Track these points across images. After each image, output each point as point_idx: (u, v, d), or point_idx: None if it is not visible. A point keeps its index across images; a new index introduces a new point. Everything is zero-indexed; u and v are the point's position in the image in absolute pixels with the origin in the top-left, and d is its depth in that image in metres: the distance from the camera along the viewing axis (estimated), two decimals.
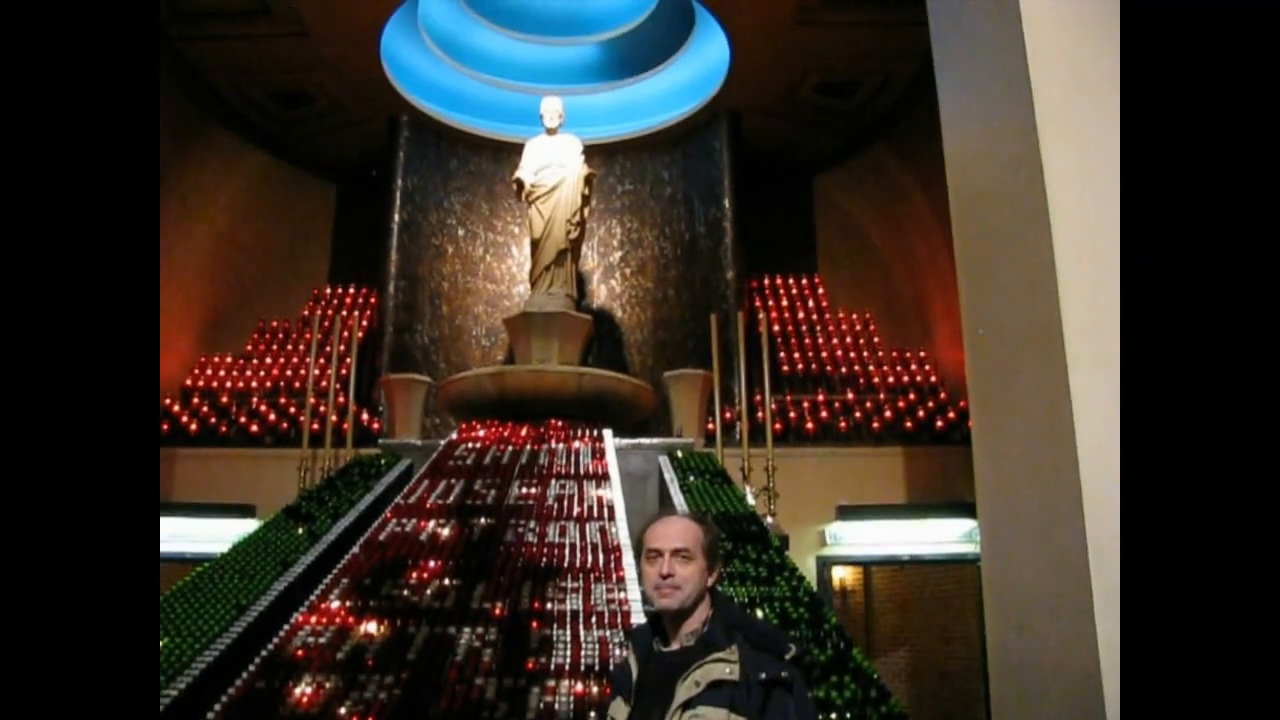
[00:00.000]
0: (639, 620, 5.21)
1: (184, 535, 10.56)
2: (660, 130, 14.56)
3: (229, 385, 13.28)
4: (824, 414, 12.41)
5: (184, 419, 12.32)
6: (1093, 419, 2.72)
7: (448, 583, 5.78)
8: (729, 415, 11.18)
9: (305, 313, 14.55)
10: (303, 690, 4.47)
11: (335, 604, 5.44)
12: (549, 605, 5.44)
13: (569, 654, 4.82)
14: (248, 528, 8.03)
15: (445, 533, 6.66)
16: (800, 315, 14.40)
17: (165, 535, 9.99)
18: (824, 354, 13.62)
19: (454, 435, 9.56)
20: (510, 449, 8.86)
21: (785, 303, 14.65)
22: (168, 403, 12.53)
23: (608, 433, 9.36)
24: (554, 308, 11.20)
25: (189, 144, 12.85)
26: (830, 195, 15.20)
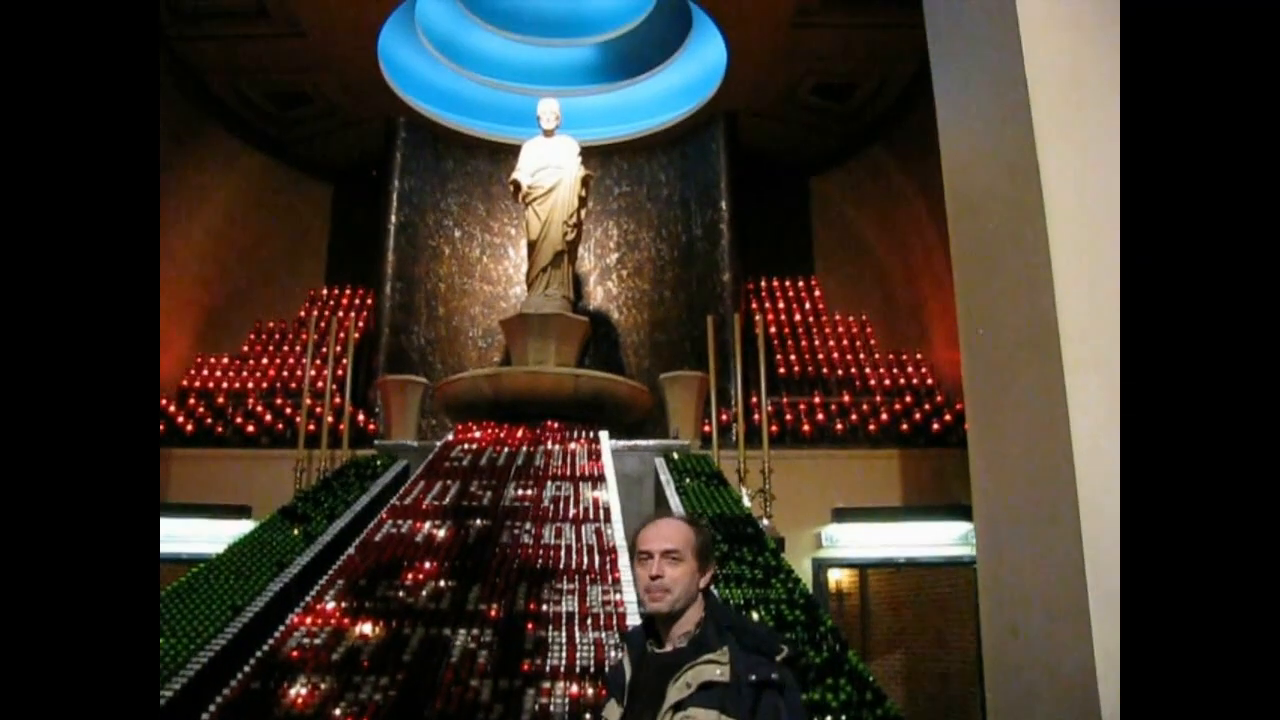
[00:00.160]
0: (634, 622, 5.20)
1: (180, 536, 10.54)
2: (657, 132, 14.57)
3: (225, 386, 13.27)
4: (820, 416, 12.41)
5: (180, 419, 12.30)
6: (1089, 421, 2.72)
7: (443, 584, 5.77)
8: (725, 417, 11.18)
9: (302, 314, 14.54)
10: (298, 691, 4.46)
11: (331, 605, 5.43)
12: (544, 607, 5.43)
13: (564, 656, 4.82)
14: (243, 528, 8.02)
15: (441, 534, 6.65)
16: (797, 317, 14.41)
17: (161, 536, 9.96)
18: (820, 356, 13.63)
19: (450, 436, 9.55)
20: (506, 450, 8.85)
21: (782, 305, 14.66)
22: (164, 403, 12.50)
23: (604, 434, 9.36)
24: (550, 309, 11.20)
25: (187, 144, 12.84)
26: (827, 197, 15.21)
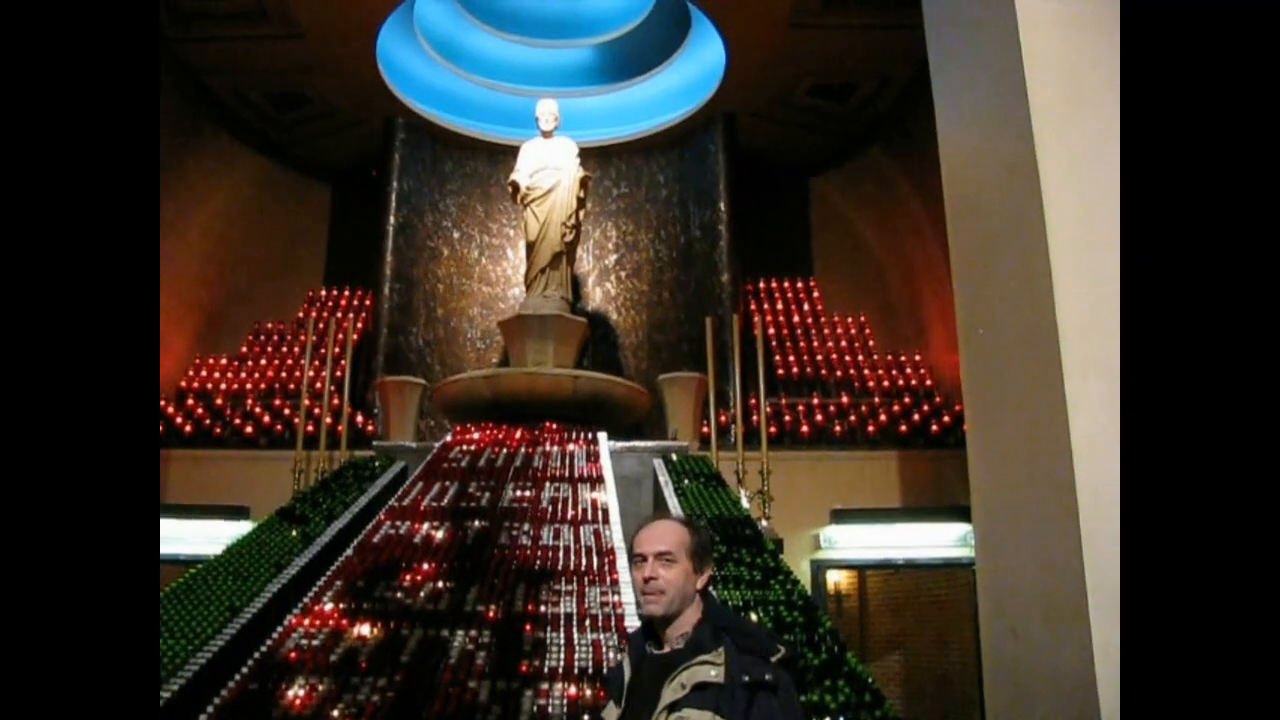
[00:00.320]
0: (632, 623, 5.21)
1: (178, 537, 10.52)
2: (656, 133, 14.57)
3: (224, 387, 13.25)
4: (819, 417, 12.41)
5: (179, 420, 12.28)
6: (1087, 423, 2.72)
7: (441, 585, 5.77)
8: (724, 418, 11.17)
9: (300, 315, 14.54)
10: (296, 692, 4.46)
11: (329, 606, 5.42)
12: (543, 608, 5.43)
13: (562, 657, 4.81)
14: (242, 529, 8.02)
15: (439, 535, 6.65)
16: (795, 318, 14.41)
17: (160, 537, 9.96)
18: (819, 357, 13.63)
19: (448, 438, 9.54)
20: (505, 451, 8.84)
21: (780, 306, 14.66)
22: (162, 404, 12.48)
23: (602, 435, 9.35)
24: (549, 310, 11.20)
25: (185, 145, 12.84)
26: (826, 198, 15.21)
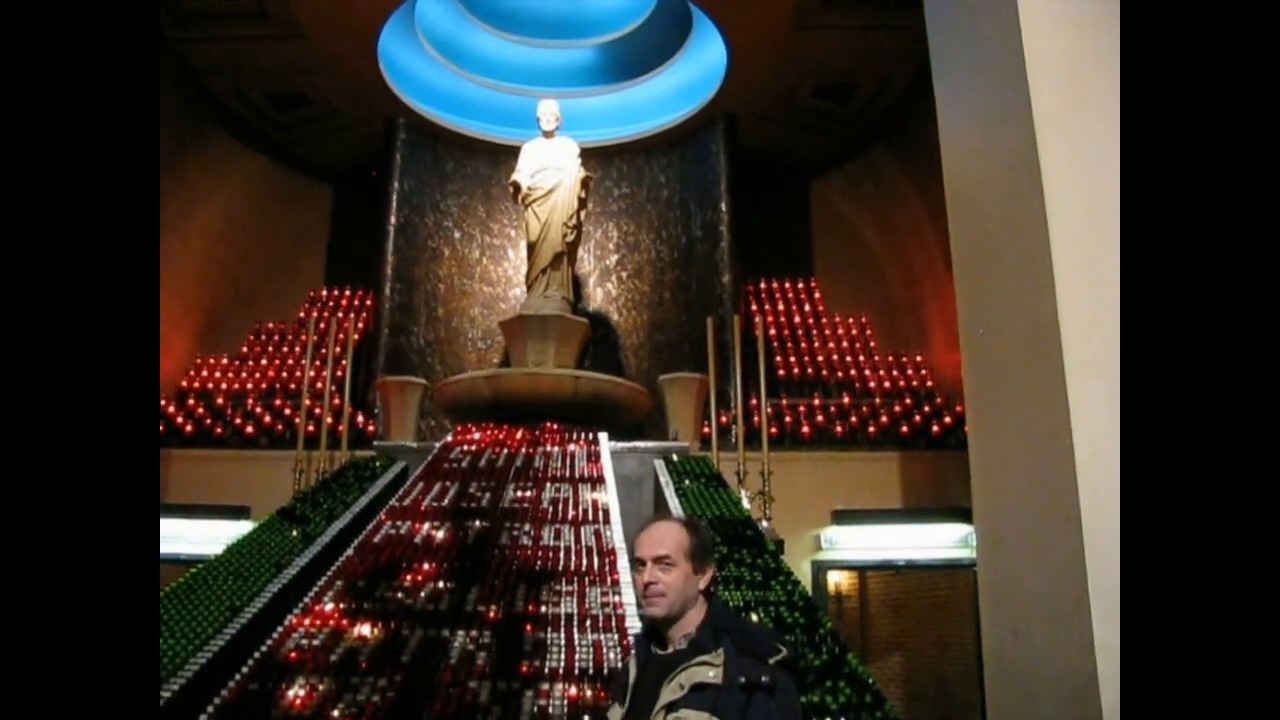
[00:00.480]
0: (633, 624, 5.21)
1: (179, 536, 10.52)
2: (657, 133, 14.57)
3: (224, 387, 13.26)
4: (820, 418, 12.40)
5: (179, 420, 12.29)
6: (1090, 423, 2.72)
7: (442, 585, 5.76)
8: (725, 419, 11.17)
9: (301, 315, 14.54)
10: (296, 692, 4.45)
11: (329, 606, 5.42)
12: (543, 608, 5.42)
13: (563, 657, 4.81)
14: (242, 529, 8.01)
15: (440, 535, 6.64)
16: (796, 319, 14.41)
17: (160, 536, 9.96)
18: (820, 358, 13.63)
19: (449, 438, 9.54)
20: (505, 452, 8.84)
21: (781, 306, 14.65)
22: (163, 404, 12.49)
23: (603, 436, 9.35)
24: (550, 311, 11.19)
25: (186, 146, 12.84)
26: (827, 199, 15.21)
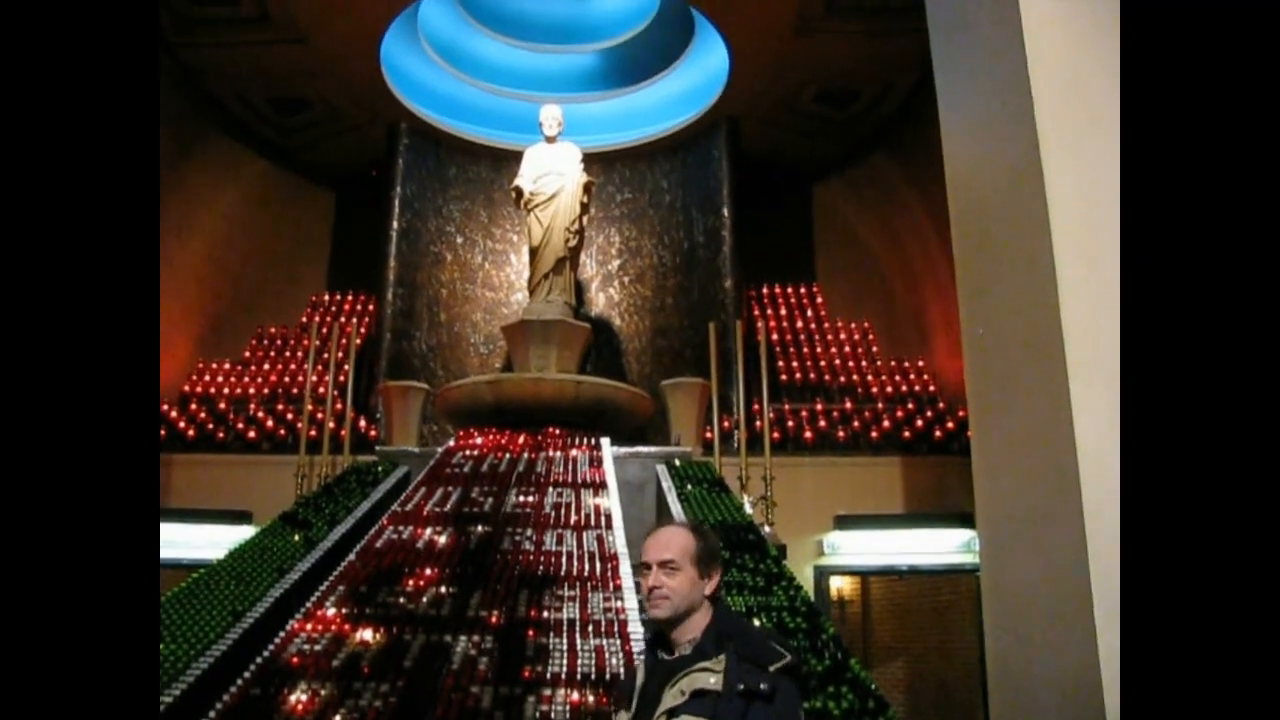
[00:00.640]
0: (635, 629, 5.21)
1: (180, 541, 10.52)
2: (659, 139, 14.59)
3: (227, 391, 13.27)
4: (822, 423, 12.39)
5: (181, 425, 12.29)
6: (1093, 428, 2.71)
7: (444, 590, 5.76)
8: (727, 424, 11.16)
9: (304, 319, 14.55)
10: (298, 698, 4.45)
11: (331, 611, 5.42)
12: (545, 614, 5.41)
13: (565, 663, 4.80)
14: (244, 534, 8.02)
15: (442, 540, 6.64)
16: (799, 324, 14.40)
17: (162, 541, 9.93)
18: (822, 363, 13.62)
19: (451, 443, 9.54)
20: (508, 457, 8.84)
21: (784, 312, 14.65)
22: (165, 408, 12.49)
23: (605, 441, 9.34)
24: (552, 315, 11.19)
25: (188, 150, 12.87)
26: (829, 204, 15.22)
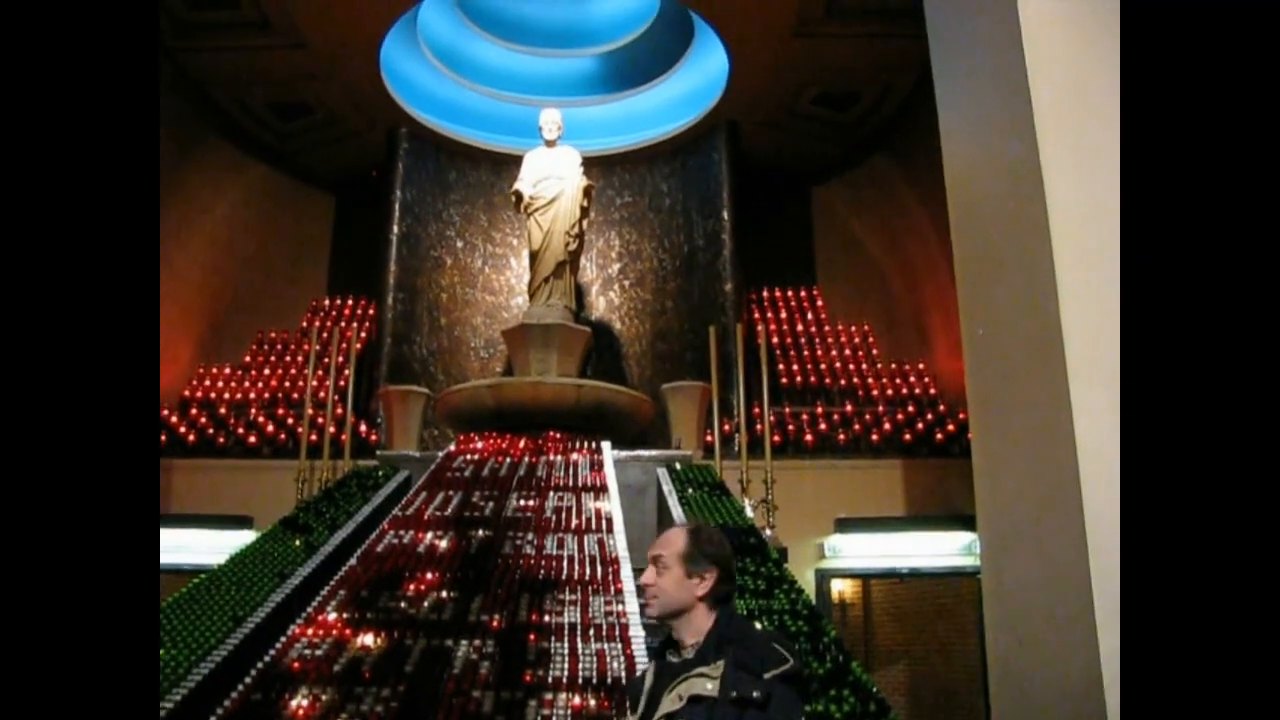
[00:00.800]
0: (636, 633, 5.21)
1: (181, 546, 10.52)
2: (659, 142, 14.60)
3: (227, 396, 13.26)
4: (823, 426, 12.39)
5: (182, 430, 12.29)
6: (1094, 430, 2.71)
7: (445, 595, 5.75)
8: (728, 427, 11.16)
9: (304, 324, 14.54)
10: (299, 702, 4.44)
11: (332, 616, 5.41)
12: (547, 618, 5.41)
13: (566, 667, 4.79)
14: (245, 539, 8.01)
15: (443, 545, 6.63)
16: (799, 327, 14.39)
17: (162, 546, 9.92)
18: (823, 366, 13.61)
19: (452, 447, 9.54)
20: (508, 461, 8.84)
21: (784, 315, 14.65)
22: (165, 413, 12.49)
23: (606, 445, 9.34)
24: (552, 319, 11.20)
25: (188, 154, 12.88)
26: (829, 207, 15.22)
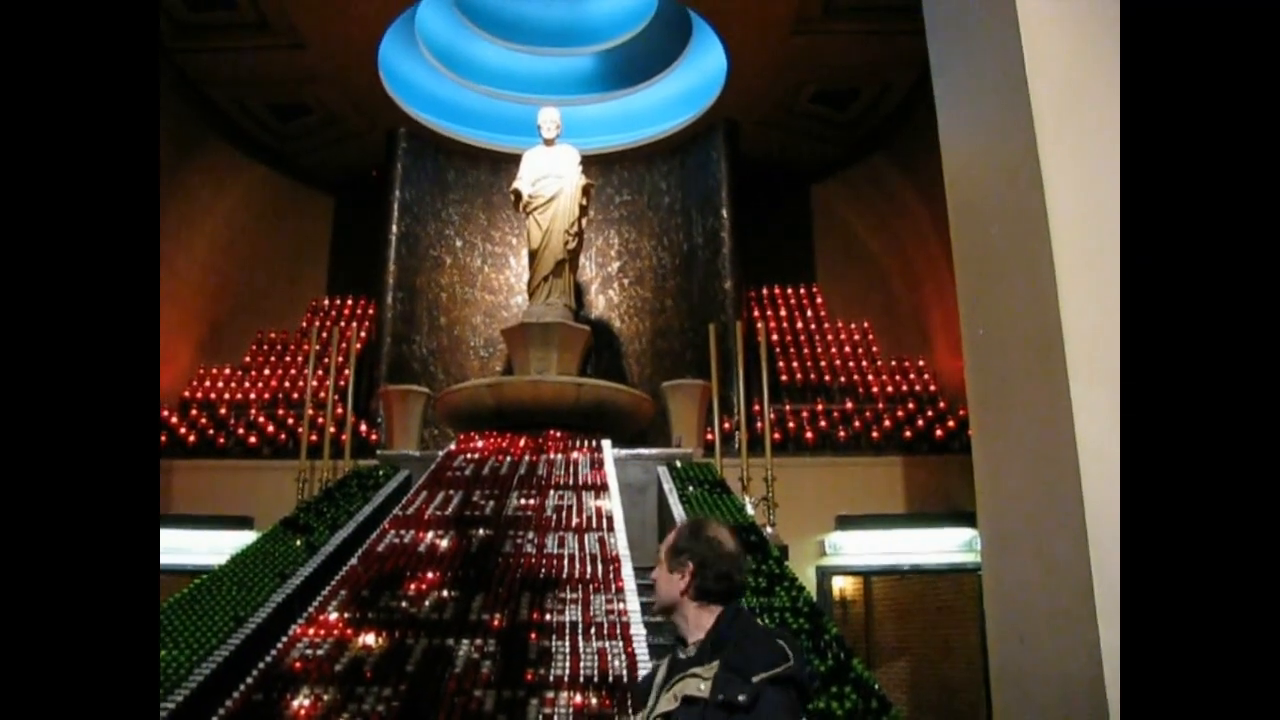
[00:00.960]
0: (637, 630, 5.22)
1: (182, 547, 10.53)
2: (658, 140, 14.59)
3: (227, 397, 13.26)
4: (823, 423, 12.40)
5: (182, 430, 12.30)
6: (1094, 427, 2.71)
7: (446, 594, 5.76)
8: (728, 425, 11.16)
9: (304, 324, 14.55)
10: (301, 702, 4.45)
11: (333, 616, 5.42)
12: (548, 616, 5.42)
13: (568, 665, 4.80)
14: (246, 539, 8.00)
15: (444, 544, 6.64)
16: (799, 325, 14.40)
17: (163, 547, 9.93)
18: (823, 363, 13.62)
19: (452, 446, 9.54)
20: (509, 460, 8.84)
21: (784, 312, 14.66)
22: (166, 414, 12.50)
23: (606, 443, 9.34)
24: (552, 318, 11.20)
25: (188, 156, 12.88)
26: (828, 205, 15.22)
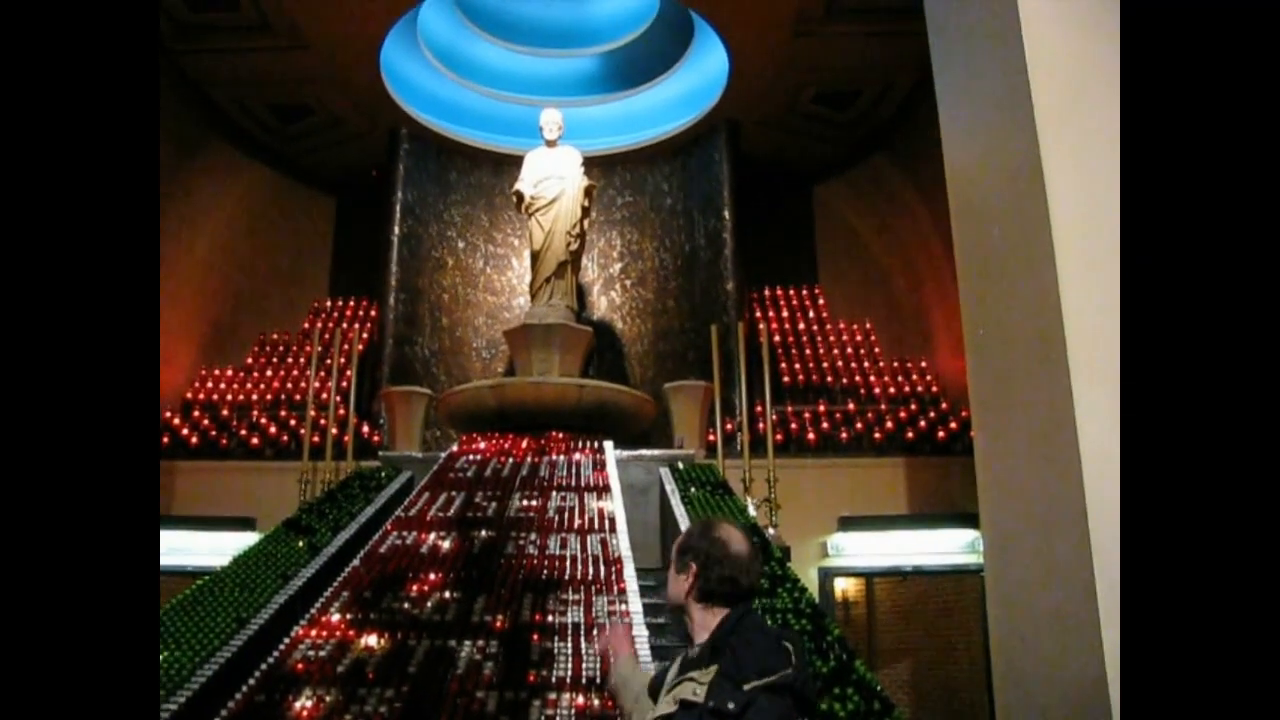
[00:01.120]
0: (640, 632, 5.21)
1: (184, 548, 10.54)
2: (660, 141, 14.59)
3: (229, 398, 13.27)
4: (825, 425, 12.38)
5: (184, 432, 12.31)
6: (1096, 428, 2.71)
7: (448, 595, 5.76)
8: (730, 426, 11.16)
9: (306, 326, 14.55)
10: (303, 704, 4.45)
11: (336, 617, 5.42)
12: (550, 618, 5.41)
13: (570, 667, 4.80)
14: (248, 541, 8.01)
15: (446, 545, 6.64)
16: (801, 326, 14.39)
17: (165, 548, 9.97)
18: (825, 365, 13.60)
19: (454, 448, 9.53)
20: (511, 461, 8.84)
21: (786, 313, 14.65)
22: (168, 415, 12.51)
23: (608, 444, 9.33)
24: (554, 319, 11.20)
25: (189, 157, 12.89)
26: (830, 206, 15.22)
